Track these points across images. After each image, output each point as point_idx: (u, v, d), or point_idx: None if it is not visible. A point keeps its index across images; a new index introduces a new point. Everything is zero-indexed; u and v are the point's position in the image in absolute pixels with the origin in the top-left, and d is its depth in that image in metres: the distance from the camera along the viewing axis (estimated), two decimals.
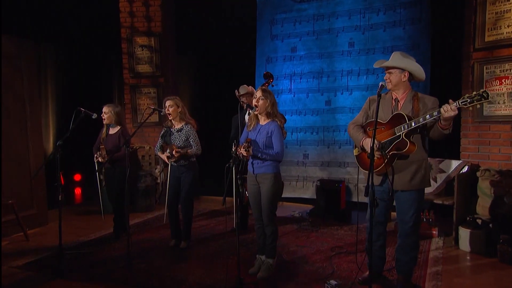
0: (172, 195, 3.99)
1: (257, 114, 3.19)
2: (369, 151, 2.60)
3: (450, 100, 2.46)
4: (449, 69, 4.83)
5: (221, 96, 4.76)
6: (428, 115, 2.52)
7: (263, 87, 3.25)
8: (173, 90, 6.34)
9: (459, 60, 4.62)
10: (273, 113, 3.18)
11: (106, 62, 7.28)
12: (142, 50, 6.11)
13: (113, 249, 4.02)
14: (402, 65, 2.75)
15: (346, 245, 3.99)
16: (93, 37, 6.80)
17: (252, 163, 3.25)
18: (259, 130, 3.20)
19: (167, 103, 3.84)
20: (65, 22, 6.47)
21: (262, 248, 3.36)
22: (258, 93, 3.16)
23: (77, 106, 3.73)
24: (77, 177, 7.92)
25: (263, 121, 3.21)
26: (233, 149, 2.97)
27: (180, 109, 3.85)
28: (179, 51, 6.76)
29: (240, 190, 4.25)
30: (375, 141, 2.67)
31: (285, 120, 4.61)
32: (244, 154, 2.98)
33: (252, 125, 3.22)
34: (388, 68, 2.79)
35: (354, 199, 5.25)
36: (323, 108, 5.74)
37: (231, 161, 2.91)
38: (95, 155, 4.26)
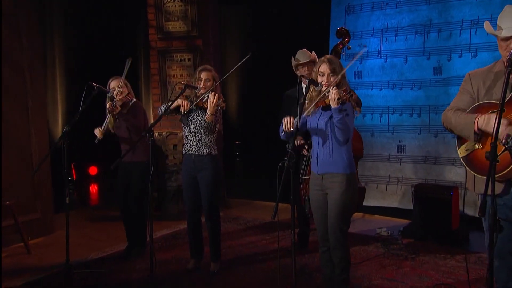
0: (191, 207, 4.16)
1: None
2: (493, 131, 2.38)
3: None
4: None
5: (284, 63, 4.75)
6: None
7: (330, 57, 3.24)
8: (215, 56, 6.43)
9: None
10: (341, 87, 3.14)
11: (129, 19, 7.53)
12: (174, 1, 6.24)
13: (133, 270, 4.24)
14: None
15: (458, 283, 3.85)
16: None
17: (317, 158, 3.24)
18: (322, 111, 3.19)
19: (204, 74, 3.99)
20: None
21: (329, 280, 3.36)
22: (324, 68, 3.14)
23: (93, 75, 3.87)
24: (93, 171, 8.35)
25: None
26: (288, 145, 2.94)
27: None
28: (224, 0, 6.81)
29: (304, 196, 4.29)
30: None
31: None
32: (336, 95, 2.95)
33: (313, 108, 3.19)
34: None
35: (473, 213, 5.03)
36: (429, 79, 5.59)
37: (285, 158, 2.88)
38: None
